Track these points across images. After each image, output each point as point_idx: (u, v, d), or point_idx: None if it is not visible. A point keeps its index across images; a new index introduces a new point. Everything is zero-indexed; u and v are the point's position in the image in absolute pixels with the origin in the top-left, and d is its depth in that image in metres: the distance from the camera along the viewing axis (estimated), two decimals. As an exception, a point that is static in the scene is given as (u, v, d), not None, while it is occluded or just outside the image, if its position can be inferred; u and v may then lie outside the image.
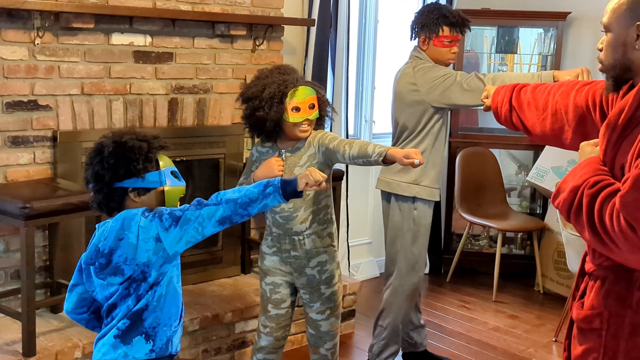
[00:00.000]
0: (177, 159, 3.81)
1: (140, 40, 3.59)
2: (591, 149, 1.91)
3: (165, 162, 2.19)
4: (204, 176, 4.04)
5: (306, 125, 2.82)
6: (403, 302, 3.49)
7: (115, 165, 2.11)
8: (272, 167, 2.79)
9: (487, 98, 2.61)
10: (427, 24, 3.37)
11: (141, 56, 3.60)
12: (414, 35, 3.45)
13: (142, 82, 3.63)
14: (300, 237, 2.87)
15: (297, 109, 2.77)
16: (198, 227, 2.10)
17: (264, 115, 2.76)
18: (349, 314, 4.18)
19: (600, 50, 1.86)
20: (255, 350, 3.01)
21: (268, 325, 2.94)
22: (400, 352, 3.75)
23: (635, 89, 1.77)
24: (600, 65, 1.86)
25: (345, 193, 4.55)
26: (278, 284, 2.93)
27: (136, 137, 2.16)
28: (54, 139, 3.39)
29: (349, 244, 4.75)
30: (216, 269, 4.04)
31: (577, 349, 1.90)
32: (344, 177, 4.43)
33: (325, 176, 2.29)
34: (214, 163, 4.00)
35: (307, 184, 2.23)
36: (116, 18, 3.47)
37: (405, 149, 2.69)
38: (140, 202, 2.15)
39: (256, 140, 2.98)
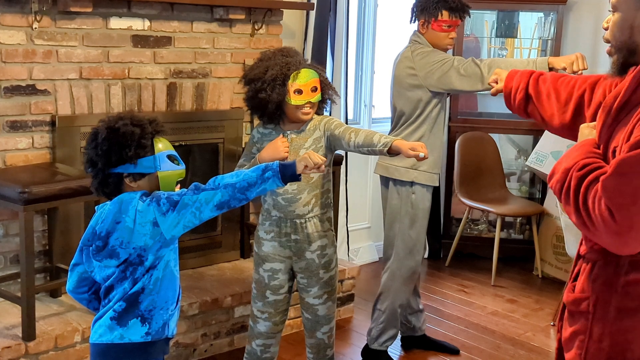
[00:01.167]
0: (176, 144, 3.80)
1: (139, 24, 3.57)
2: (589, 131, 1.90)
3: (163, 146, 2.18)
4: (203, 161, 4.04)
5: (308, 108, 2.81)
6: (401, 286, 3.50)
7: (108, 151, 2.12)
8: (278, 148, 2.77)
9: (497, 82, 2.59)
10: (426, 7, 3.36)
11: (140, 40, 3.59)
12: (413, 18, 3.45)
13: (141, 66, 3.62)
14: (302, 220, 2.86)
15: (300, 92, 2.76)
16: (195, 211, 2.10)
17: (266, 97, 2.75)
18: (347, 298, 4.20)
19: (605, 29, 1.82)
20: (253, 337, 2.99)
21: (266, 311, 2.94)
22: (399, 336, 3.78)
23: (633, 72, 1.76)
24: (608, 47, 1.83)
25: (344, 177, 4.55)
26: (277, 269, 2.91)
27: (131, 122, 2.15)
28: (52, 123, 3.39)
29: (348, 229, 4.75)
30: (215, 254, 4.05)
31: (566, 331, 1.91)
32: (343, 162, 4.43)
33: (325, 159, 2.29)
34: (213, 148, 4.00)
35: (306, 166, 2.24)
36: (114, 2, 3.46)
37: (412, 142, 2.68)
38: (137, 187, 2.16)
39: (256, 122, 2.97)
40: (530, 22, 5.46)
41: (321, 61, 4.40)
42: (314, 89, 2.80)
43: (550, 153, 4.81)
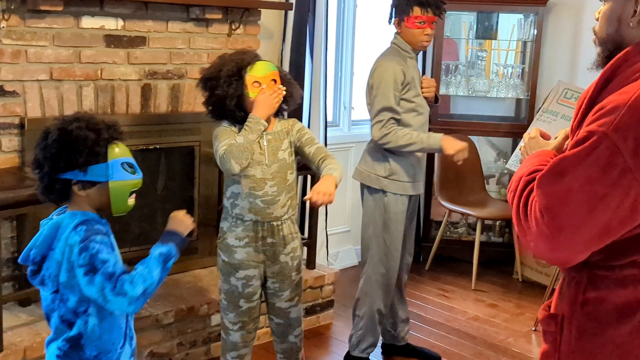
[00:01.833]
0: (151, 147, 3.71)
1: (112, 24, 3.46)
2: (536, 143, 1.84)
3: (119, 152, 2.03)
4: (179, 164, 3.93)
5: None
6: (377, 290, 3.45)
7: (56, 155, 1.97)
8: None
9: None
10: (399, 4, 3.33)
11: (113, 40, 3.47)
12: (390, 18, 3.39)
13: (114, 67, 3.50)
14: (278, 223, 2.81)
15: (258, 83, 2.70)
16: (100, 297, 1.95)
17: (223, 94, 2.69)
18: (327, 304, 4.12)
19: (597, 20, 1.72)
20: (227, 349, 2.92)
21: (240, 320, 2.86)
22: (381, 342, 3.71)
23: (604, 69, 1.67)
24: (594, 37, 1.75)
25: (323, 181, 4.46)
26: (251, 276, 2.83)
27: (87, 125, 2.00)
28: (21, 126, 3.26)
29: (328, 233, 4.67)
30: (191, 260, 3.94)
31: (542, 348, 1.85)
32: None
33: (192, 226, 2.20)
34: (189, 150, 3.89)
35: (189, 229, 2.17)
36: (86, 0, 3.34)
37: (322, 187, 2.63)
38: (87, 196, 2.01)
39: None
40: (509, 23, 5.42)
41: (300, 62, 4.32)
42: (274, 82, 2.74)
43: (530, 156, 4.77)
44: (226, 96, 2.70)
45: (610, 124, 1.51)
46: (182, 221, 2.18)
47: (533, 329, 4.17)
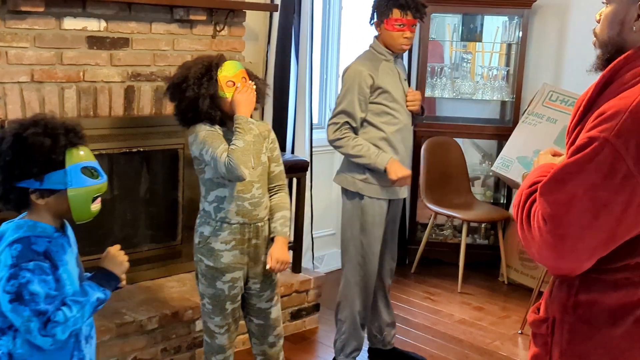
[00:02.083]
0: (134, 150, 3.66)
1: (94, 25, 3.40)
2: (545, 157, 1.82)
3: (79, 157, 1.93)
4: (163, 167, 3.88)
5: None
6: (357, 294, 3.43)
7: (10, 163, 1.87)
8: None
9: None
10: (379, 6, 3.31)
11: (95, 42, 3.42)
12: (371, 19, 3.38)
13: (97, 69, 3.45)
14: (262, 224, 2.84)
15: (232, 83, 2.70)
16: (23, 328, 1.87)
17: (195, 95, 2.67)
18: (313, 309, 4.08)
19: (598, 22, 1.71)
20: (213, 353, 2.90)
21: (225, 323, 2.86)
22: (367, 346, 3.69)
23: (604, 71, 1.66)
24: (594, 39, 1.73)
25: (309, 184, 4.44)
26: (237, 278, 2.83)
27: (44, 130, 1.90)
28: (1, 128, 3.20)
29: (313, 236, 4.64)
30: (175, 264, 3.89)
31: (531, 351, 1.83)
32: (309, 168, 4.32)
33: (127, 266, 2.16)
34: (173, 153, 3.85)
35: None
36: (68, 1, 3.28)
37: (279, 255, 2.78)
38: (46, 204, 1.93)
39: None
40: (494, 25, 5.41)
41: (285, 64, 4.28)
42: (244, 80, 2.74)
43: (516, 158, 4.77)
44: (198, 97, 2.67)
45: (612, 130, 1.49)
46: (120, 263, 2.10)
47: (519, 332, 4.16)
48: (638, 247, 1.57)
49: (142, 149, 3.68)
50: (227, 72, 2.70)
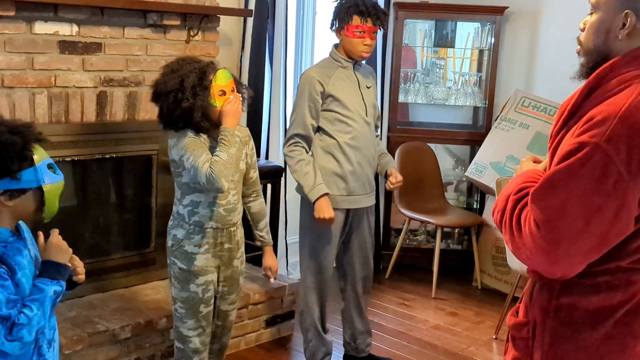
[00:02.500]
0: (107, 156, 3.61)
1: (66, 30, 3.35)
2: (527, 164, 1.84)
3: (43, 154, 1.91)
4: (136, 173, 3.83)
5: None
6: (315, 301, 3.45)
7: None
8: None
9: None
10: (339, 12, 3.29)
11: (67, 46, 3.36)
12: (331, 25, 3.36)
13: (69, 74, 3.39)
14: (235, 228, 2.87)
15: (224, 92, 2.70)
16: None
17: (190, 106, 2.65)
18: (287, 316, 4.06)
19: (582, 30, 1.73)
20: (188, 357, 2.89)
21: (200, 325, 2.87)
22: (343, 354, 3.68)
23: (589, 78, 1.68)
24: (578, 47, 1.75)
25: (283, 189, 4.41)
26: (210, 281, 2.85)
27: (9, 129, 1.86)
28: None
29: (287, 242, 4.62)
30: (149, 272, 3.84)
31: (509, 355, 1.84)
32: (283, 174, 4.30)
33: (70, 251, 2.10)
34: (146, 159, 3.80)
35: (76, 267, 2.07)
36: (39, 5, 3.22)
37: (272, 263, 3.08)
38: (14, 207, 1.89)
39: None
40: (465, 32, 5.45)
41: (259, 69, 4.27)
42: (233, 89, 2.75)
43: (489, 164, 4.80)
44: (193, 108, 2.66)
45: (603, 135, 1.52)
46: (65, 250, 2.01)
47: (494, 337, 4.17)
48: (618, 251, 1.60)
49: (114, 155, 3.63)
50: (220, 82, 2.69)
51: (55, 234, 2.01)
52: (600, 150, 1.51)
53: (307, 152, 3.31)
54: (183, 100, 2.65)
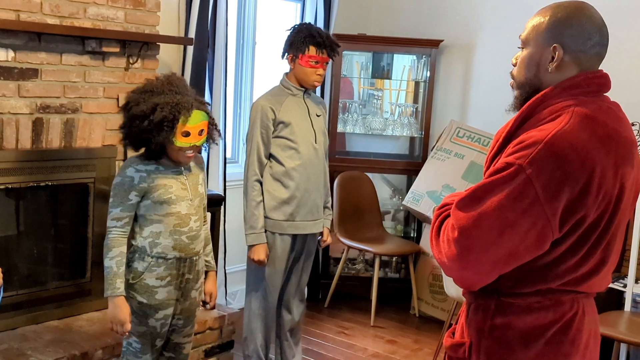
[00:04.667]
0: (42, 184, 3.53)
1: (2, 55, 3.28)
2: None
3: None
4: (72, 202, 3.75)
5: (191, 152, 2.70)
6: (260, 328, 3.47)
7: None
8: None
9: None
10: (294, 42, 3.36)
11: (2, 72, 3.29)
12: (283, 53, 3.41)
13: (3, 100, 3.32)
14: (196, 257, 2.80)
15: (187, 134, 2.64)
16: None
17: (149, 138, 2.61)
18: (227, 346, 4.01)
19: (514, 65, 1.84)
20: None
21: (154, 358, 2.82)
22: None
23: (522, 108, 1.77)
24: (511, 80, 1.85)
25: (223, 218, 4.39)
26: (168, 315, 2.78)
27: None
28: None
29: (226, 271, 4.59)
30: (84, 302, 3.75)
31: None
32: (223, 203, 4.28)
33: None
34: (83, 188, 3.72)
35: None
36: (-26, 29, 3.16)
37: (213, 289, 2.98)
38: None
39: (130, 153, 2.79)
40: (401, 64, 5.56)
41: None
42: (201, 132, 2.70)
43: (426, 193, 4.89)
44: (152, 141, 2.62)
45: (527, 157, 1.62)
46: None
47: (432, 364, 4.22)
48: (549, 273, 1.69)
49: (50, 183, 3.55)
50: (190, 123, 2.62)
51: None
52: (523, 171, 1.62)
53: (260, 181, 3.39)
54: (146, 132, 2.59)
